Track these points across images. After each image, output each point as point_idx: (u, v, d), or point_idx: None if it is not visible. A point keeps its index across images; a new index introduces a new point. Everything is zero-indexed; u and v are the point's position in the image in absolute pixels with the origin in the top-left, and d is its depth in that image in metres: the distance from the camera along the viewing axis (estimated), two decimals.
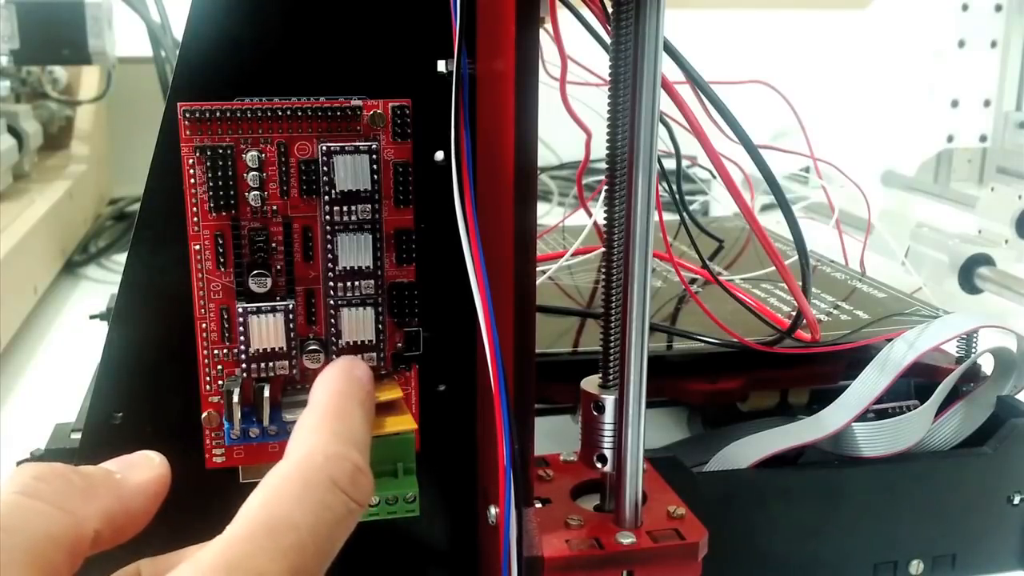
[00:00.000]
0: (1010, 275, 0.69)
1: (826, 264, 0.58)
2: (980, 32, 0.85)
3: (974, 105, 0.87)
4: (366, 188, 0.31)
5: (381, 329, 0.32)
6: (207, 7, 0.30)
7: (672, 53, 0.33)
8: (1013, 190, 0.75)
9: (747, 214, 0.36)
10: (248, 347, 0.31)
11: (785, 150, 0.57)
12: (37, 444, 0.36)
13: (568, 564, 0.30)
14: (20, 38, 0.83)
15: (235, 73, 0.31)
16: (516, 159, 0.28)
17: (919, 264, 0.72)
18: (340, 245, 0.31)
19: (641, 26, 0.28)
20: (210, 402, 0.32)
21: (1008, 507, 0.40)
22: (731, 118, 0.34)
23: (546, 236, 0.63)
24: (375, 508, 0.31)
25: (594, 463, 0.32)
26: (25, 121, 0.84)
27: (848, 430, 0.38)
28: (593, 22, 0.35)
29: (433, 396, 0.34)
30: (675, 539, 0.31)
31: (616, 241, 0.30)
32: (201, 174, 0.31)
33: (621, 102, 0.29)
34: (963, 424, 0.40)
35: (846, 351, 0.43)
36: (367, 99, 0.32)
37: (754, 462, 0.38)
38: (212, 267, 0.31)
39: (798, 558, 0.39)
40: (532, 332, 0.30)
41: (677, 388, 0.44)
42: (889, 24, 0.92)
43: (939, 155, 0.93)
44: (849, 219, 0.72)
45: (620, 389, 0.31)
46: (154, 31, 0.88)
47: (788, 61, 0.84)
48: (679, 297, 0.51)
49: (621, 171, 0.30)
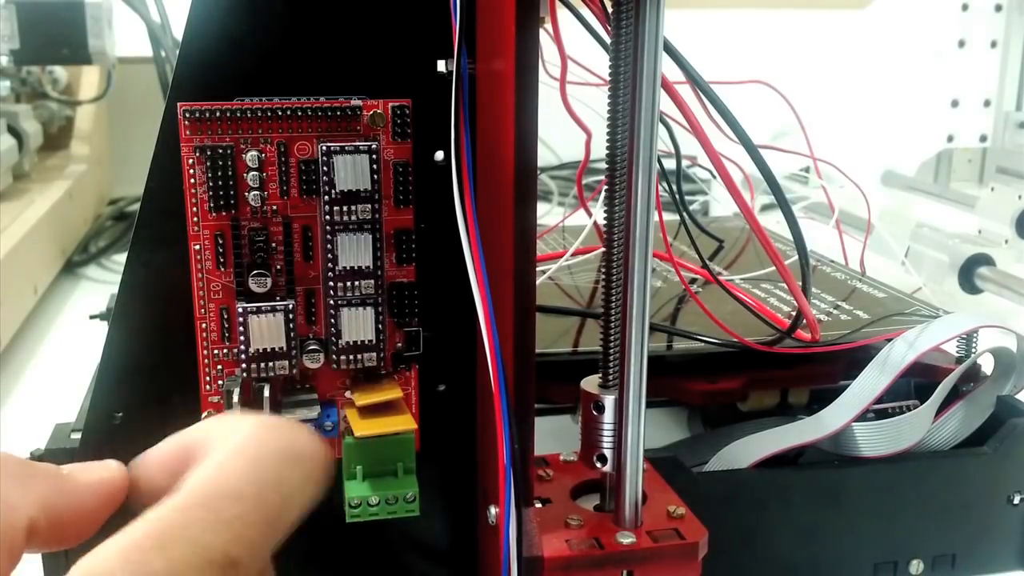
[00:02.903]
0: (1010, 275, 0.69)
1: (826, 264, 0.58)
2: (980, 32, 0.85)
3: (974, 105, 0.87)
4: (366, 188, 0.31)
5: (381, 329, 0.32)
6: (207, 7, 0.31)
7: (672, 53, 0.33)
8: (1013, 190, 0.75)
9: (747, 214, 0.36)
10: (248, 347, 0.31)
11: (785, 150, 0.57)
12: (37, 444, 0.36)
13: (568, 564, 0.30)
14: (20, 38, 0.83)
15: (235, 73, 0.31)
16: (516, 159, 0.28)
17: (919, 264, 0.72)
18: (340, 245, 0.31)
19: (641, 26, 0.28)
20: (210, 402, 0.32)
21: (1008, 507, 0.40)
22: (731, 118, 0.34)
23: (546, 236, 0.63)
24: (375, 508, 0.31)
25: (594, 463, 0.32)
26: (25, 121, 0.84)
27: (848, 430, 0.38)
28: (593, 22, 0.35)
29: (433, 396, 0.34)
30: (675, 539, 0.31)
31: (616, 241, 0.30)
32: (201, 174, 0.31)
33: (621, 102, 0.29)
34: (963, 424, 0.40)
35: (846, 351, 0.43)
36: (367, 99, 0.32)
37: (754, 462, 0.38)
38: (212, 267, 0.31)
39: (798, 558, 0.39)
40: (532, 332, 0.30)
41: (677, 388, 0.44)
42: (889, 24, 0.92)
43: (939, 155, 0.93)
44: (849, 219, 0.72)
45: (620, 389, 0.31)
46: (154, 31, 0.88)
47: (788, 61, 0.84)
48: (679, 297, 0.51)
49: (621, 171, 0.30)
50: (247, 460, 0.23)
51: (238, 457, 0.23)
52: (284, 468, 0.23)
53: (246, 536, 0.22)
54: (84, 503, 0.24)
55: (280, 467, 0.23)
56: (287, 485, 0.23)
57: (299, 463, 0.24)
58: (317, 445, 0.24)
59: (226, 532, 0.21)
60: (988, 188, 0.79)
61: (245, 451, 0.23)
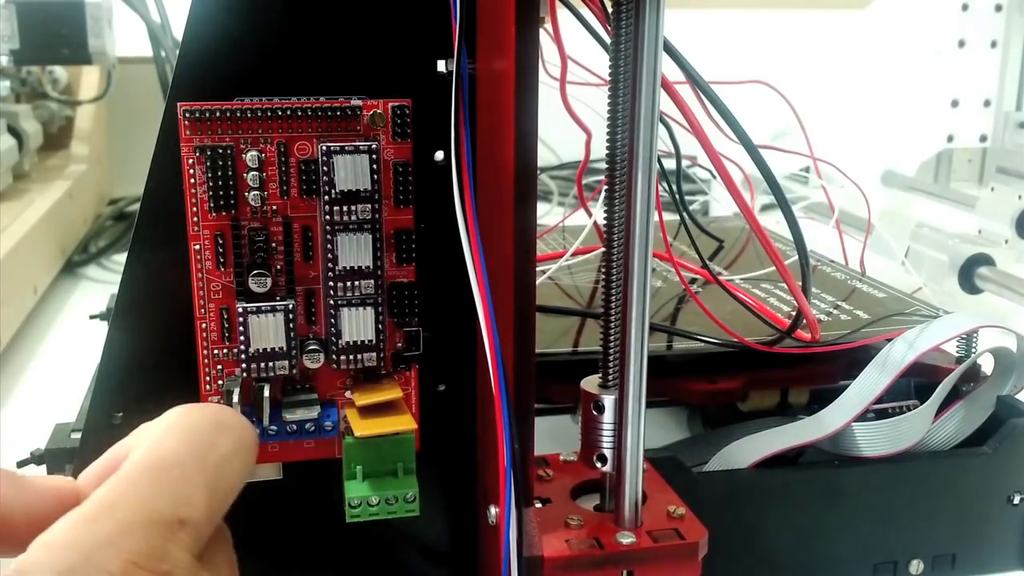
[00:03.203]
0: (1010, 275, 0.69)
1: (826, 264, 0.58)
2: (980, 32, 0.85)
3: (974, 105, 0.87)
4: (366, 188, 0.31)
5: (381, 329, 0.32)
6: (207, 7, 0.30)
7: (672, 53, 0.33)
8: (1013, 190, 0.75)
9: (747, 214, 0.36)
10: (248, 347, 0.31)
11: (785, 150, 0.57)
12: (37, 444, 0.36)
13: (568, 564, 0.30)
14: (20, 38, 0.83)
15: (235, 73, 0.31)
16: (516, 159, 0.28)
17: (919, 264, 0.72)
18: (340, 245, 0.31)
19: (641, 26, 0.28)
20: (210, 402, 0.32)
21: (1008, 507, 0.40)
22: (731, 118, 0.34)
23: (546, 236, 0.63)
24: (375, 508, 0.31)
25: (594, 463, 0.32)
26: (25, 121, 0.84)
27: (848, 430, 0.38)
28: (593, 22, 0.35)
29: (433, 396, 0.34)
30: (675, 539, 0.31)
31: (616, 241, 0.30)
32: (201, 174, 0.31)
33: (621, 102, 0.29)
34: (963, 424, 0.40)
35: (846, 351, 0.43)
36: (367, 99, 0.32)
37: (754, 462, 0.38)
38: (212, 267, 0.31)
39: (798, 558, 0.39)
40: (532, 332, 0.30)
41: (677, 388, 0.44)
42: (889, 24, 0.92)
43: (939, 155, 0.93)
44: (849, 219, 0.72)
45: (620, 389, 0.31)
46: (154, 31, 0.88)
47: (788, 61, 0.84)
48: (679, 297, 0.51)
49: (621, 171, 0.30)
50: (181, 431, 0.25)
51: (171, 430, 0.25)
52: (215, 434, 0.25)
53: (191, 497, 0.23)
54: (34, 502, 0.24)
55: (211, 433, 0.25)
56: (222, 448, 0.25)
57: (229, 431, 0.25)
58: (241, 418, 0.26)
59: (171, 493, 0.23)
60: (988, 188, 0.79)
61: (176, 425, 0.25)
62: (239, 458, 0.25)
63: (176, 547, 0.22)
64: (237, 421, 0.26)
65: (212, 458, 0.24)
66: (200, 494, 0.23)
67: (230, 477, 0.25)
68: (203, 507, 0.23)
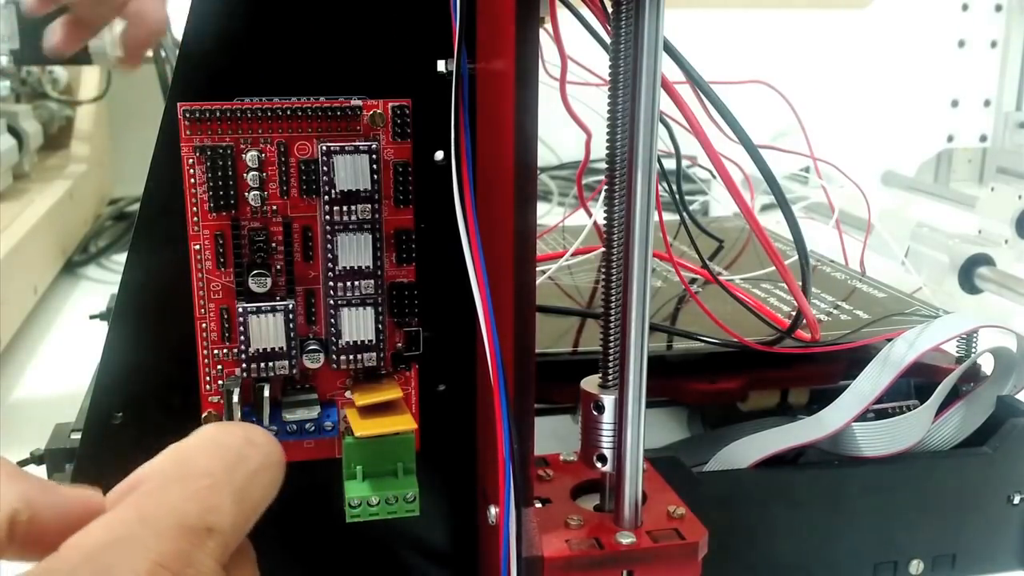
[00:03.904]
0: (1010, 275, 0.69)
1: (826, 264, 0.58)
2: (980, 32, 0.85)
3: (974, 105, 0.87)
4: (366, 188, 0.31)
5: (381, 329, 0.32)
6: (207, 7, 0.30)
7: (672, 53, 0.33)
8: (1013, 190, 0.75)
9: (747, 214, 0.36)
10: (248, 347, 0.31)
11: (785, 150, 0.57)
12: (37, 444, 0.36)
13: (568, 564, 0.30)
14: (20, 38, 0.83)
15: (235, 73, 0.31)
16: (516, 159, 0.28)
17: (919, 264, 0.72)
18: (340, 245, 0.31)
19: (641, 26, 0.28)
20: (210, 402, 0.32)
21: (1008, 507, 0.40)
22: (731, 118, 0.34)
23: (546, 236, 0.63)
24: (375, 508, 0.31)
25: (594, 463, 0.32)
26: (25, 121, 0.84)
27: (848, 430, 0.38)
28: (593, 22, 0.35)
29: (433, 396, 0.34)
30: (675, 539, 0.31)
31: (616, 241, 0.30)
32: (201, 174, 0.31)
33: (621, 102, 0.29)
34: (963, 424, 0.40)
35: (846, 351, 0.43)
36: (367, 99, 0.32)
37: (754, 462, 0.38)
38: (212, 267, 0.31)
39: (798, 558, 0.39)
40: (532, 332, 0.30)
41: (677, 388, 0.44)
42: (889, 24, 0.92)
43: (939, 155, 0.93)
44: (849, 219, 0.72)
45: (620, 389, 0.31)
46: None
47: (788, 61, 0.84)
48: (679, 297, 0.51)
49: (621, 171, 0.30)
50: (210, 444, 0.25)
51: (202, 443, 0.25)
52: (245, 450, 0.25)
53: (220, 506, 0.23)
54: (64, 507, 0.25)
55: (241, 449, 0.25)
56: (251, 463, 0.25)
57: (258, 447, 0.26)
58: (270, 437, 0.27)
59: (201, 501, 0.23)
60: (988, 188, 0.79)
61: (207, 439, 0.25)
62: (267, 474, 0.26)
63: (203, 554, 0.22)
64: (266, 439, 0.26)
65: (241, 471, 0.25)
66: (228, 505, 0.24)
67: (258, 492, 0.25)
68: (230, 518, 0.24)
